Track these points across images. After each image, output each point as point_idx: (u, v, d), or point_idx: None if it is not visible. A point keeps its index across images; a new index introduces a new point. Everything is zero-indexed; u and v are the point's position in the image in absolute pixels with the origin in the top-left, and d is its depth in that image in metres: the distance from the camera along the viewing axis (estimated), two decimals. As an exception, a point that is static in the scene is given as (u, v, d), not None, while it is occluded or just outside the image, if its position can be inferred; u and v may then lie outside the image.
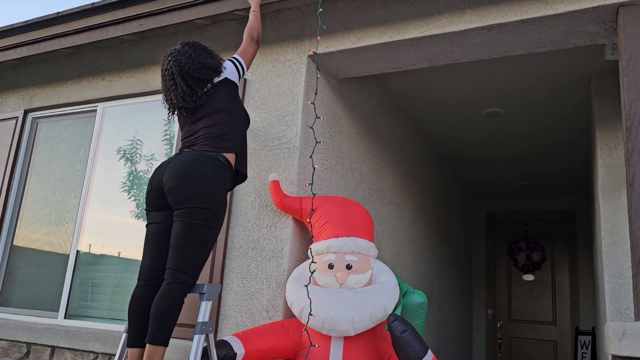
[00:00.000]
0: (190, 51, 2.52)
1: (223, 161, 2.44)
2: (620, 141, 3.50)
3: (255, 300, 3.04)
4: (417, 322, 2.88)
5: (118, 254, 3.75)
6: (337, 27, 3.26)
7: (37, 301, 3.97)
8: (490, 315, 7.50)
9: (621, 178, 3.45)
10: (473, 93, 4.37)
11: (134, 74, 3.98)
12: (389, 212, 4.46)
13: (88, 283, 3.80)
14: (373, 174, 4.18)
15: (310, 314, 2.60)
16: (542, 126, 4.94)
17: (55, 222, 4.10)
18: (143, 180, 3.80)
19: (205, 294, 2.35)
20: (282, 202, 3.03)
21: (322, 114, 3.42)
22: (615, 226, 3.40)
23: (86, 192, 3.97)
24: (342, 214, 2.91)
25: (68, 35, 3.91)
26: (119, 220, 3.80)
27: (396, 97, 4.57)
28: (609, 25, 2.78)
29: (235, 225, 3.23)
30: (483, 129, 5.13)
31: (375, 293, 2.68)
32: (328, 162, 3.46)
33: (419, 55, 3.24)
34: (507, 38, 2.98)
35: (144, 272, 2.43)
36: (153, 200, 2.46)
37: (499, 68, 3.92)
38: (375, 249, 2.91)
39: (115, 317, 3.61)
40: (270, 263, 3.06)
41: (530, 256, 7.45)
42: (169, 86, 2.50)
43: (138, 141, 3.90)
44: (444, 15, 2.98)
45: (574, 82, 4.07)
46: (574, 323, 7.02)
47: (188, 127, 2.55)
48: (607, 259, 3.38)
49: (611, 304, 3.30)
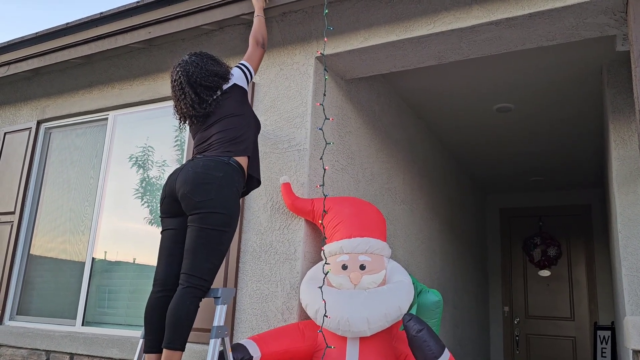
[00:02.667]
0: (197, 60, 2.56)
1: (235, 165, 2.45)
2: (634, 133, 3.46)
3: (270, 302, 3.04)
4: (433, 321, 2.87)
5: (133, 260, 3.78)
6: (343, 28, 3.26)
7: (55, 309, 4.02)
8: (507, 312, 7.44)
9: (636, 170, 3.40)
10: (482, 89, 4.34)
11: (143, 82, 4.01)
12: (401, 212, 4.44)
13: (104, 290, 3.83)
14: (384, 174, 4.17)
15: (325, 315, 2.60)
16: (554, 120, 4.90)
17: (70, 230, 4.15)
18: (155, 186, 3.82)
19: (220, 297, 2.36)
20: (294, 204, 3.03)
21: (331, 115, 3.42)
22: (631, 219, 3.36)
23: (100, 199, 4.01)
24: (354, 215, 2.90)
25: (78, 46, 3.95)
26: (133, 226, 3.83)
27: (405, 96, 4.55)
28: (619, 16, 2.74)
29: (248, 228, 3.24)
30: (494, 125, 5.09)
31: (390, 293, 2.67)
32: (339, 163, 3.46)
33: (427, 53, 3.23)
34: (516, 32, 2.96)
35: (159, 278, 2.45)
36: (167, 207, 2.49)
37: (508, 63, 3.89)
38: (389, 248, 2.90)
39: (132, 323, 3.64)
40: (283, 265, 3.06)
41: (545, 251, 7.38)
42: (179, 96, 2.54)
43: (149, 148, 3.93)
44: (451, 12, 2.96)
45: (585, 75, 4.02)
46: (592, 318, 6.93)
47: (200, 134, 2.58)
48: (624, 252, 3.34)
49: (630, 298, 3.25)
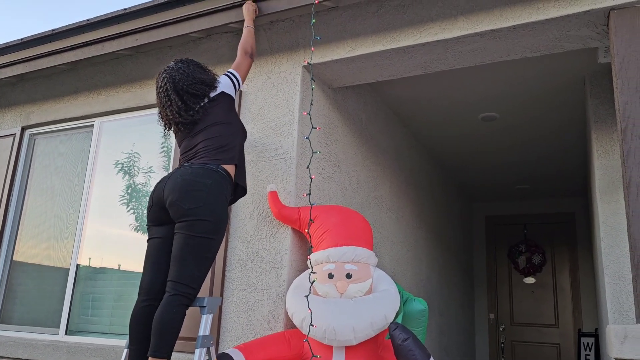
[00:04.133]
0: (183, 67, 2.55)
1: (223, 173, 2.46)
2: (616, 143, 3.52)
3: (256, 311, 3.03)
4: (419, 330, 2.88)
5: (118, 267, 3.75)
6: (331, 37, 3.28)
7: (38, 317, 3.97)
8: (492, 319, 7.48)
9: (618, 180, 3.46)
10: (468, 98, 4.38)
11: (130, 89, 3.99)
12: (388, 219, 4.46)
13: (88, 297, 3.79)
14: (371, 182, 4.19)
15: (311, 324, 2.60)
16: (538, 129, 4.96)
17: (54, 236, 4.10)
18: (142, 193, 3.80)
19: (205, 307, 2.35)
20: (281, 212, 3.03)
21: (318, 123, 3.43)
22: (614, 228, 3.41)
23: (85, 206, 3.98)
24: (341, 223, 2.91)
25: (64, 52, 3.93)
26: (118, 233, 3.80)
27: (392, 105, 4.59)
28: (601, 29, 2.80)
29: (235, 236, 3.23)
30: (479, 134, 5.14)
31: (376, 301, 2.68)
32: (325, 172, 3.47)
33: (413, 62, 3.26)
34: (500, 44, 3.00)
35: (144, 287, 2.44)
36: (154, 215, 2.48)
37: (493, 73, 3.94)
38: (375, 257, 2.91)
39: (117, 331, 3.60)
40: (270, 274, 3.06)
41: (530, 259, 7.45)
42: (164, 102, 2.53)
43: (136, 154, 3.91)
44: (437, 23, 3.00)
45: (569, 85, 4.09)
46: (576, 325, 7.00)
47: (187, 141, 2.57)
48: (607, 260, 3.38)
49: (612, 306, 3.29)
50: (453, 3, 2.97)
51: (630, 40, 2.57)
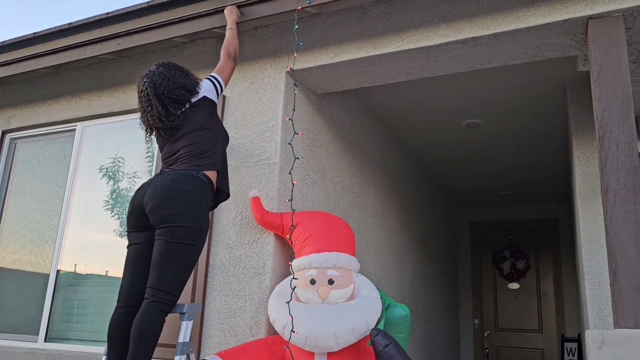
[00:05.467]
0: (165, 72, 2.52)
1: (203, 179, 2.44)
2: (596, 150, 3.56)
3: (238, 317, 3.02)
4: (401, 336, 2.88)
5: (100, 272, 3.71)
6: (314, 43, 3.29)
7: (17, 324, 3.90)
8: (477, 324, 7.52)
9: (598, 186, 3.50)
10: (452, 105, 4.42)
11: (113, 93, 3.96)
12: (372, 225, 4.47)
13: (69, 304, 3.74)
14: (355, 188, 4.19)
15: (292, 330, 2.59)
16: (521, 135, 5.01)
17: (35, 241, 4.05)
18: (126, 198, 3.77)
19: (185, 313, 2.33)
20: (263, 218, 3.02)
21: (302, 129, 3.43)
22: (594, 234, 3.45)
23: (66, 211, 3.93)
24: (323, 229, 2.91)
25: (45, 56, 3.89)
26: (100, 238, 3.76)
27: (376, 111, 4.61)
28: (580, 38, 2.84)
29: (217, 242, 3.21)
30: (463, 140, 5.18)
31: (358, 307, 2.67)
32: (309, 177, 3.47)
33: (396, 69, 3.28)
34: (482, 51, 3.03)
35: (123, 293, 2.41)
36: (134, 221, 2.46)
37: (476, 79, 3.98)
38: (357, 263, 2.91)
39: (97, 339, 3.55)
40: (252, 280, 3.04)
41: (514, 264, 7.50)
42: (145, 107, 2.51)
43: (120, 159, 3.88)
44: (419, 30, 3.02)
45: (550, 93, 4.14)
46: (560, 330, 7.05)
47: (168, 147, 2.55)
48: (587, 266, 3.42)
49: (593, 311, 3.33)
50: (435, 11, 3.00)
51: (608, 48, 2.61)
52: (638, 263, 2.33)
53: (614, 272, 2.36)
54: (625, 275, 2.33)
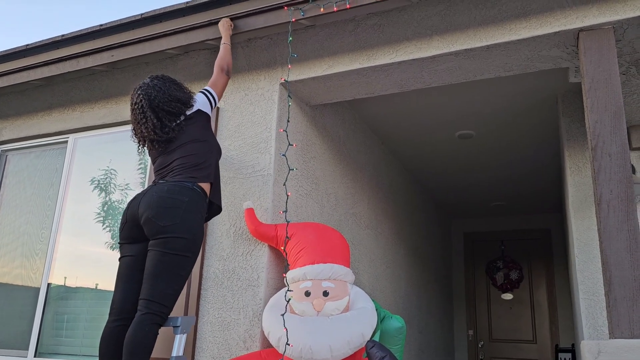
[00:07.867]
0: (160, 84, 2.53)
1: (199, 191, 2.44)
2: (588, 160, 3.58)
3: (232, 330, 2.99)
4: (396, 347, 2.86)
5: (92, 286, 3.67)
6: (308, 55, 3.30)
7: (6, 339, 3.84)
8: (471, 335, 7.49)
9: (591, 196, 3.52)
10: (445, 116, 4.44)
11: (105, 105, 3.95)
12: (366, 236, 4.46)
13: (59, 318, 3.69)
14: (349, 199, 4.19)
15: (287, 343, 2.57)
16: (514, 146, 5.04)
17: (25, 254, 4.00)
18: (118, 210, 3.74)
19: (179, 327, 2.31)
20: (257, 230, 3.01)
21: (296, 140, 3.43)
22: (587, 244, 3.46)
23: (57, 223, 3.89)
24: (318, 240, 2.90)
25: (38, 67, 3.87)
26: (92, 251, 3.73)
27: (370, 122, 4.62)
28: (571, 50, 2.87)
29: (211, 254, 3.19)
30: (456, 151, 5.20)
31: (353, 319, 2.66)
32: (303, 188, 3.46)
33: (390, 81, 3.29)
34: (474, 63, 3.05)
35: (115, 306, 2.39)
36: (127, 233, 2.44)
37: (469, 91, 4.00)
38: (352, 274, 2.90)
39: (88, 353, 3.50)
40: (246, 292, 3.02)
41: (508, 275, 7.50)
42: (139, 119, 2.50)
43: (112, 171, 3.86)
44: (412, 42, 3.04)
45: (543, 104, 4.17)
46: (554, 340, 7.05)
47: (161, 158, 2.55)
48: (581, 276, 3.42)
49: (587, 321, 3.33)
50: (428, 23, 3.02)
51: (599, 60, 2.63)
52: (632, 273, 2.34)
53: (609, 282, 2.36)
54: (620, 285, 2.34)
